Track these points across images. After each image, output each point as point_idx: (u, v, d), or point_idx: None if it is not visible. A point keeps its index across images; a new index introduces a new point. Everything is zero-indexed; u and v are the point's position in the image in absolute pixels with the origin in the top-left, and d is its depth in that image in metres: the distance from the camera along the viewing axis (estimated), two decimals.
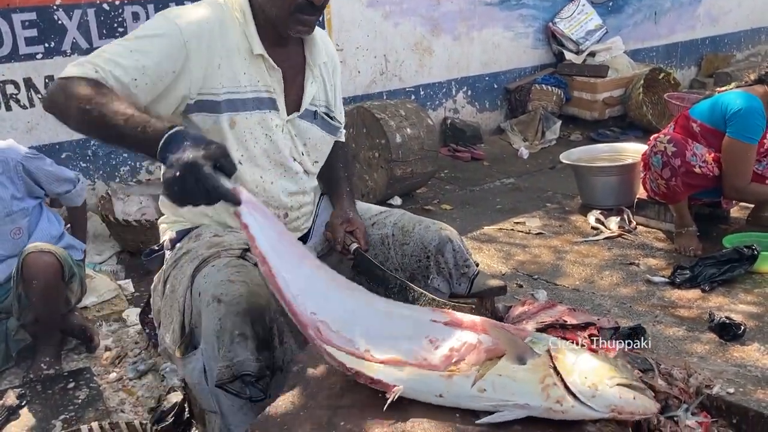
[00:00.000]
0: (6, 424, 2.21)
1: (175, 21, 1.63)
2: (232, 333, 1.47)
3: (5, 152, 2.60)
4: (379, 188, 4.22)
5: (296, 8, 1.63)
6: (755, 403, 1.98)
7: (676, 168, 3.11)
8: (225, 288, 1.52)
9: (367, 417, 1.22)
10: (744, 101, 3.02)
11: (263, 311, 1.52)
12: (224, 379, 1.46)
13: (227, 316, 1.48)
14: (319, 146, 1.90)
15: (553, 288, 2.98)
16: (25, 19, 3.52)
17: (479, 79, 5.67)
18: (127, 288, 3.24)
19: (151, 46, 1.59)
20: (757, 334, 2.46)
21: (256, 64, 1.72)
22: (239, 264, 1.63)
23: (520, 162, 5.21)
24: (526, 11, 5.79)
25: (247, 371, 1.45)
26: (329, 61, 1.91)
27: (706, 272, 2.88)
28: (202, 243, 1.74)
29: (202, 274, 1.61)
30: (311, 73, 1.82)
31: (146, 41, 1.60)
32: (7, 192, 2.56)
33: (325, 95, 1.90)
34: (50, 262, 2.42)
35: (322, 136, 1.88)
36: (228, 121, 1.70)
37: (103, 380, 2.49)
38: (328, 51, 1.91)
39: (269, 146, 1.77)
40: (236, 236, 1.76)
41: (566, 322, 2.36)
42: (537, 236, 3.63)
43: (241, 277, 1.56)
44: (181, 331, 1.65)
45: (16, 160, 2.59)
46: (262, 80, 1.73)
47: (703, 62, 7.30)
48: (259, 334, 1.50)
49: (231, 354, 1.46)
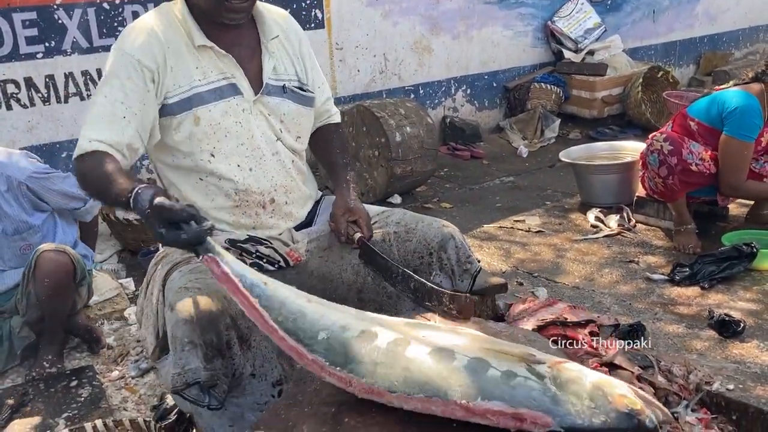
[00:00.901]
0: (9, 422, 2.22)
1: (124, 49, 1.70)
2: (182, 341, 1.48)
3: (9, 169, 2.52)
4: (379, 187, 4.23)
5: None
6: (755, 399, 1.99)
7: (672, 166, 3.12)
8: (179, 295, 1.55)
9: (371, 413, 1.24)
10: (741, 99, 3.03)
11: (215, 319, 1.53)
12: (177, 386, 1.48)
13: (177, 324, 1.50)
14: (296, 120, 1.89)
15: (553, 286, 2.99)
16: (26, 19, 3.52)
17: (478, 77, 5.68)
18: (129, 287, 3.24)
19: (120, 86, 1.67)
20: (757, 331, 2.47)
21: (206, 56, 1.75)
22: (205, 269, 1.64)
23: (519, 160, 5.22)
24: (525, 10, 5.80)
25: (197, 379, 1.47)
26: (286, 34, 1.91)
27: (706, 270, 2.89)
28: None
29: (170, 279, 1.64)
30: (266, 50, 1.83)
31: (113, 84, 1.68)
32: (13, 209, 2.53)
33: (292, 68, 1.90)
34: (64, 261, 2.42)
35: (296, 109, 1.88)
36: (191, 119, 1.72)
37: (105, 378, 2.50)
38: (282, 25, 1.91)
39: (241, 132, 1.78)
40: (215, 241, 1.77)
41: (567, 320, 2.37)
42: (537, 234, 3.64)
43: (197, 284, 1.58)
44: (155, 335, 1.67)
45: (19, 180, 2.52)
46: (215, 69, 1.75)
47: (702, 60, 7.31)
48: (212, 342, 1.51)
49: (182, 362, 1.48)
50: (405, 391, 1.20)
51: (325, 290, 1.86)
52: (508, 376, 1.20)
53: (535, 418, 1.15)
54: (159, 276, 1.69)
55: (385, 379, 1.23)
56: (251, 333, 1.63)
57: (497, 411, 1.16)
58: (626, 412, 1.16)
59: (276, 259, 1.80)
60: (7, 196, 2.51)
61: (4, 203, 2.51)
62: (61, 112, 3.69)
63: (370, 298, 1.87)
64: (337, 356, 1.27)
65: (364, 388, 1.23)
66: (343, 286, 1.88)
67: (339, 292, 1.87)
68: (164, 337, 1.61)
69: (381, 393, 1.22)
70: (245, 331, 1.61)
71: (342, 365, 1.25)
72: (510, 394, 1.17)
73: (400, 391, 1.21)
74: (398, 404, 1.21)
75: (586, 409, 1.16)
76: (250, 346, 1.60)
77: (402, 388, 1.21)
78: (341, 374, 1.25)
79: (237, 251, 1.75)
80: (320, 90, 2.00)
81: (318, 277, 1.86)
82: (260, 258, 1.78)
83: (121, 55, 1.69)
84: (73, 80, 3.71)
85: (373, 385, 1.23)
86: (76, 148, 1.66)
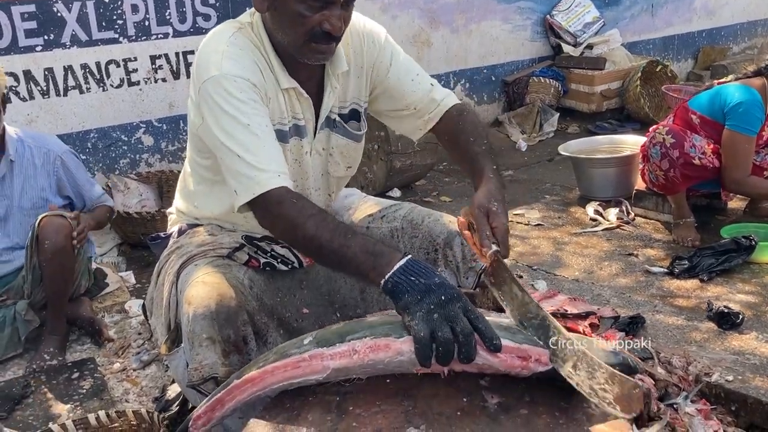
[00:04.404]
0: (12, 414, 2.23)
1: (239, 75, 1.54)
2: (200, 336, 1.48)
3: (48, 143, 2.69)
4: (379, 180, 4.23)
5: (311, 37, 1.55)
6: (754, 390, 2.01)
7: (674, 159, 3.13)
8: (196, 290, 1.53)
9: (376, 401, 1.24)
10: (743, 94, 3.03)
11: (234, 315, 1.52)
12: (194, 380, 1.47)
13: (195, 318, 1.49)
14: (345, 153, 1.83)
15: (553, 278, 3.00)
16: (25, 11, 3.51)
17: (477, 71, 5.68)
18: (129, 279, 3.25)
19: (252, 112, 1.53)
20: (755, 323, 2.48)
21: (288, 95, 1.67)
22: (223, 264, 1.64)
23: (518, 154, 5.23)
24: (524, 4, 5.79)
25: (214, 374, 1.46)
26: (361, 57, 1.78)
27: (705, 262, 2.90)
28: (195, 240, 1.75)
29: (185, 272, 1.62)
30: (330, 85, 1.72)
31: (244, 109, 1.53)
32: (39, 184, 2.64)
33: (356, 91, 1.80)
34: (63, 223, 2.50)
35: (345, 143, 1.81)
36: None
37: (107, 370, 2.51)
38: (357, 48, 1.77)
39: (297, 171, 1.74)
40: (231, 237, 1.76)
41: (567, 312, 2.39)
42: (536, 228, 3.65)
43: (215, 279, 1.56)
44: (167, 327, 1.66)
45: (57, 153, 2.67)
46: (292, 109, 1.68)
47: (700, 55, 7.31)
48: (229, 338, 1.50)
49: (200, 357, 1.47)
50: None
51: (330, 290, 1.87)
52: (506, 328, 1.27)
53: (539, 354, 1.21)
54: (173, 268, 1.67)
55: (388, 330, 1.23)
56: (267, 329, 1.64)
57: (505, 347, 1.19)
58: (612, 351, 1.32)
59: (290, 260, 1.79)
60: (39, 171, 2.64)
61: (33, 177, 2.64)
62: (60, 105, 3.68)
63: (373, 298, 1.87)
64: (331, 340, 1.26)
65: (369, 346, 1.21)
66: (346, 286, 1.88)
67: (342, 291, 1.88)
68: (176, 330, 1.61)
69: (388, 344, 1.20)
70: (261, 326, 1.62)
71: (340, 342, 1.24)
72: (512, 337, 1.23)
73: (407, 336, 1.20)
74: (408, 351, 1.19)
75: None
76: (266, 341, 1.60)
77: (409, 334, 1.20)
78: (342, 348, 1.23)
79: (252, 248, 1.75)
80: (415, 82, 1.79)
81: (324, 277, 1.86)
82: (275, 258, 1.76)
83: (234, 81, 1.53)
84: (72, 73, 3.70)
85: (377, 338, 1.22)
86: (248, 186, 1.48)
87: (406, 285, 1.24)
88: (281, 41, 1.60)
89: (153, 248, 1.94)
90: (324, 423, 1.21)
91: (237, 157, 1.49)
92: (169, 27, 3.98)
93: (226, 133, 1.51)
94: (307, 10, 1.51)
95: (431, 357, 1.16)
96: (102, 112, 3.81)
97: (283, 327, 1.71)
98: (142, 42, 3.90)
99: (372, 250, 1.33)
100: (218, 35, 1.62)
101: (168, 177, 3.92)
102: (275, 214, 1.47)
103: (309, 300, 1.82)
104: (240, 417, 1.47)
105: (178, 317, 1.60)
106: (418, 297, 1.21)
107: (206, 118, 1.55)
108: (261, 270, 1.74)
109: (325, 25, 1.52)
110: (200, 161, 1.76)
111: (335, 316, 1.84)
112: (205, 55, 1.59)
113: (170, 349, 1.62)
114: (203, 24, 4.09)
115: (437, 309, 1.19)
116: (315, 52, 1.58)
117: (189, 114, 1.69)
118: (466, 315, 1.19)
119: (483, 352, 1.18)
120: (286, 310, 1.75)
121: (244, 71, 1.55)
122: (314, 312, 1.81)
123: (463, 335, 1.15)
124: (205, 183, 1.79)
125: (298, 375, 1.25)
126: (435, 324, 1.17)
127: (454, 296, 1.21)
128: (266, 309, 1.67)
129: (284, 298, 1.75)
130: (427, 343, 1.16)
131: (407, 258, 1.29)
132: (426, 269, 1.27)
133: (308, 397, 1.28)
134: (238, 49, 1.58)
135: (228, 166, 1.52)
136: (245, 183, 1.49)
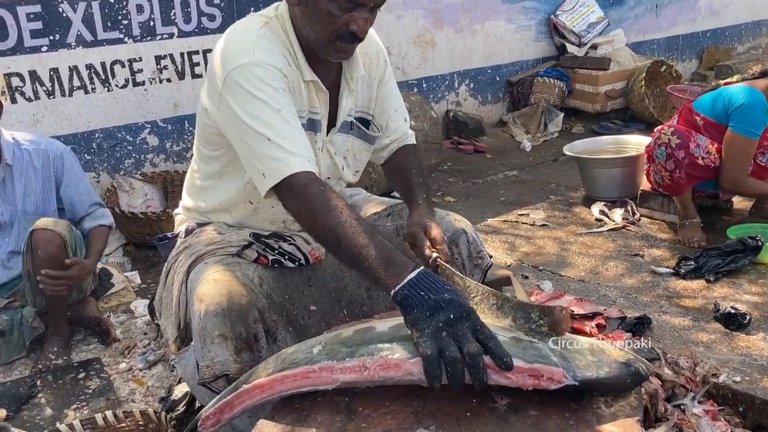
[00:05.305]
0: (18, 414, 2.23)
1: (261, 61, 1.56)
2: (212, 333, 1.48)
3: (49, 144, 2.67)
4: (383, 180, 4.22)
5: (337, 36, 1.58)
6: (761, 391, 2.00)
7: (680, 160, 3.12)
8: (207, 287, 1.54)
9: (385, 401, 1.24)
10: (747, 95, 3.02)
11: (245, 312, 1.53)
12: (206, 378, 1.48)
13: (207, 316, 1.49)
14: (358, 156, 1.86)
15: (559, 279, 2.99)
16: (30, 12, 3.52)
17: (482, 71, 5.67)
18: (134, 280, 3.25)
19: (283, 100, 1.55)
20: (762, 323, 2.47)
21: (308, 88, 1.69)
22: (232, 262, 1.64)
23: (522, 154, 5.22)
24: (528, 4, 5.79)
25: (226, 371, 1.47)
26: (375, 65, 1.85)
27: (711, 263, 2.89)
28: (203, 239, 1.76)
29: (195, 270, 1.63)
30: (347, 87, 1.77)
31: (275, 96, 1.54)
32: (40, 186, 2.62)
33: (368, 99, 1.86)
34: (53, 235, 2.45)
35: (359, 146, 1.85)
36: None
37: (113, 370, 2.51)
38: (371, 56, 1.84)
39: None
40: (239, 235, 1.77)
41: (574, 312, 2.39)
42: (541, 228, 3.64)
43: (226, 276, 1.57)
44: (176, 326, 1.66)
45: (56, 152, 2.65)
46: (310, 102, 1.70)
47: (704, 55, 7.29)
48: (241, 335, 1.51)
49: (211, 354, 1.48)
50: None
51: (337, 287, 1.87)
52: (516, 341, 1.24)
53: (551, 374, 1.18)
54: (182, 267, 1.68)
55: (398, 347, 1.21)
56: (277, 327, 1.64)
57: (516, 367, 1.17)
58: (624, 362, 1.26)
59: (297, 257, 1.79)
60: (40, 173, 2.62)
61: (35, 179, 2.61)
62: (65, 105, 3.68)
63: (380, 296, 1.88)
64: (341, 352, 1.25)
65: (380, 364, 1.20)
66: (353, 283, 1.88)
67: (349, 289, 1.88)
68: (185, 328, 1.61)
69: (398, 364, 1.19)
70: (272, 324, 1.62)
71: (350, 356, 1.24)
72: (522, 354, 1.20)
73: (418, 357, 1.18)
74: (418, 372, 1.18)
75: (591, 363, 1.23)
76: (276, 339, 1.60)
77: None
78: (352, 363, 1.22)
79: (261, 246, 1.75)
80: (397, 113, 1.93)
81: (331, 274, 1.86)
82: (282, 255, 1.77)
83: (272, 72, 1.56)
84: (78, 74, 3.70)
85: (388, 357, 1.20)
86: (277, 168, 1.48)
87: (415, 299, 1.23)
88: (306, 36, 1.63)
89: (160, 249, 1.94)
90: (333, 424, 1.21)
91: (267, 140, 1.49)
92: (174, 27, 3.98)
93: (255, 118, 1.51)
94: (338, 9, 1.53)
95: (440, 377, 1.15)
96: (107, 113, 3.82)
97: (292, 324, 1.72)
98: (147, 42, 3.90)
99: (387, 256, 1.32)
100: (245, 27, 1.65)
101: (173, 177, 3.92)
102: (301, 197, 1.46)
103: (316, 297, 1.82)
104: (249, 416, 1.47)
105: (188, 316, 1.60)
106: (427, 313, 1.20)
107: (231, 105, 1.54)
108: (269, 267, 1.74)
109: (352, 26, 1.55)
110: (210, 153, 1.77)
111: (342, 313, 1.85)
112: (233, 45, 1.60)
113: (180, 347, 1.62)
114: (208, 24, 4.09)
115: (445, 327, 1.18)
116: (338, 50, 1.62)
117: (202, 105, 1.70)
118: (475, 334, 1.18)
119: (494, 374, 1.17)
120: (294, 308, 1.75)
121: (276, 61, 1.58)
122: (321, 309, 1.82)
123: (470, 356, 1.14)
124: (212, 178, 1.81)
125: (307, 384, 1.25)
126: (443, 343, 1.16)
127: (463, 315, 1.19)
128: (275, 306, 1.68)
129: (292, 296, 1.76)
130: (435, 362, 1.15)
131: (419, 270, 1.28)
132: (436, 283, 1.25)
133: (317, 397, 1.28)
134: (268, 42, 1.61)
135: (254, 150, 1.52)
136: (273, 165, 1.49)
